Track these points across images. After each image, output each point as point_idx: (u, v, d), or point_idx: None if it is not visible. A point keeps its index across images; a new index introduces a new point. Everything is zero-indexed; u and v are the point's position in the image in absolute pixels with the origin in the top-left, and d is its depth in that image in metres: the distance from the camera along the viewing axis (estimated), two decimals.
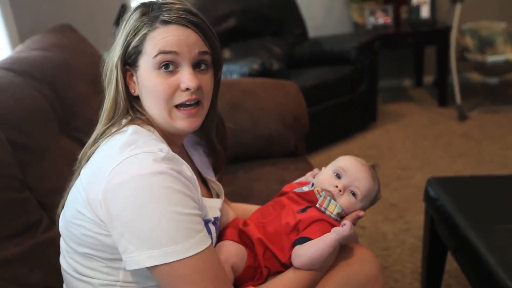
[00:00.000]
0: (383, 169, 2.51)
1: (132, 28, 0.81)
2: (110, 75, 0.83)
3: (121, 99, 0.82)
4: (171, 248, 0.69)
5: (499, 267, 1.02)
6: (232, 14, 3.00)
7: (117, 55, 0.82)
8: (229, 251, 0.86)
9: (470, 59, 3.23)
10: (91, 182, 0.75)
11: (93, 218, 0.74)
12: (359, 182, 0.91)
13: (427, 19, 3.44)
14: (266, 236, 0.88)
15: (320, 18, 3.72)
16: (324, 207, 0.88)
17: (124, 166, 0.71)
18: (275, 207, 0.92)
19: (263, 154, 1.65)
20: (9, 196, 0.97)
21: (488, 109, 3.25)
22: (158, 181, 0.70)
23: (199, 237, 0.72)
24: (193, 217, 0.72)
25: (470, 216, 1.21)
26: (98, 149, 0.80)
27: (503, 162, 2.49)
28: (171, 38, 0.79)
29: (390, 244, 1.87)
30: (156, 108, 0.81)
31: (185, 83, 0.79)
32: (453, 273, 1.65)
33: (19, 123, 1.09)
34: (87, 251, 0.78)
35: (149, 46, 0.79)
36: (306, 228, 0.86)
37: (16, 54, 1.39)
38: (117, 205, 0.70)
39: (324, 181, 0.92)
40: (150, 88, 0.80)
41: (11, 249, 0.93)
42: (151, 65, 0.79)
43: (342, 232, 0.82)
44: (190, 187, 0.75)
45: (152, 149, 0.73)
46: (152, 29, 0.80)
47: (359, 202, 0.91)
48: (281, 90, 1.71)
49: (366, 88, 2.94)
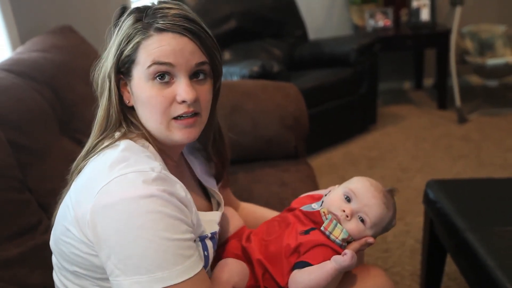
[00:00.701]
0: (382, 171, 2.51)
1: (125, 36, 0.75)
2: (103, 85, 0.79)
3: (114, 111, 0.78)
4: (158, 275, 0.66)
5: (498, 269, 1.02)
6: (233, 16, 3.01)
7: (110, 64, 0.77)
8: (231, 270, 0.83)
9: (470, 62, 3.24)
10: (80, 201, 0.72)
11: (81, 237, 0.71)
12: (370, 208, 0.85)
13: (427, 22, 3.45)
14: (267, 256, 0.85)
15: (320, 20, 3.73)
16: (329, 231, 0.83)
17: (113, 187, 0.68)
18: (281, 224, 0.89)
19: (263, 156, 1.65)
20: (9, 197, 0.97)
21: (487, 112, 3.25)
22: (146, 205, 0.67)
23: (189, 263, 0.69)
24: (183, 243, 0.69)
25: (469, 219, 1.21)
26: (88, 164, 0.77)
27: (503, 165, 2.50)
28: (166, 47, 0.74)
29: (390, 246, 1.87)
30: (152, 120, 0.77)
31: (181, 96, 0.74)
32: (453, 275, 1.65)
33: (19, 124, 1.09)
34: (77, 269, 0.75)
35: (142, 56, 0.74)
36: (307, 252, 0.82)
37: (16, 55, 1.40)
38: (104, 227, 0.68)
39: (332, 202, 0.87)
40: (145, 100, 0.76)
41: (11, 250, 0.93)
42: (145, 75, 0.75)
43: (342, 262, 0.78)
44: (183, 209, 0.71)
45: (143, 168, 0.70)
46: (146, 37, 0.74)
47: (368, 229, 0.85)
48: (281, 92, 1.71)
49: (366, 90, 2.94)
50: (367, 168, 2.57)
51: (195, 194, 0.89)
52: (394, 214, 0.89)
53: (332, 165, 2.66)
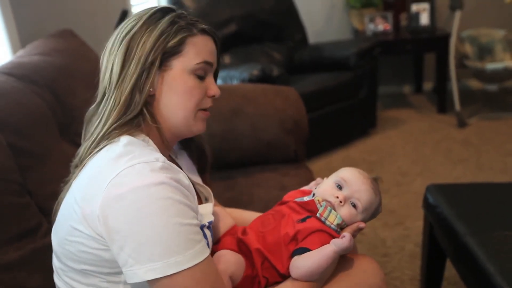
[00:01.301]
0: (382, 175, 2.51)
1: (170, 29, 0.81)
2: (135, 68, 0.79)
3: (138, 96, 0.79)
4: (171, 260, 0.68)
5: (498, 274, 1.02)
6: (233, 20, 3.02)
7: (149, 47, 0.79)
8: (227, 261, 0.85)
9: (470, 66, 3.25)
10: (86, 197, 0.73)
11: (91, 233, 0.72)
12: (360, 193, 0.91)
13: (427, 26, 3.46)
14: (265, 246, 0.87)
15: (320, 24, 3.74)
16: (324, 217, 0.87)
17: (122, 178, 0.70)
18: (275, 216, 0.92)
19: (263, 159, 1.66)
20: (9, 200, 0.97)
21: (487, 116, 3.25)
22: (157, 192, 0.69)
23: (199, 247, 0.71)
24: (193, 227, 0.72)
25: (469, 223, 1.21)
26: (89, 162, 0.77)
27: (502, 169, 2.50)
28: (210, 48, 0.85)
29: (389, 251, 1.87)
30: (182, 109, 0.83)
31: (213, 91, 0.86)
32: (452, 279, 1.65)
33: (19, 127, 1.09)
34: (85, 267, 0.76)
35: (190, 50, 0.82)
36: (305, 239, 0.85)
37: (17, 59, 1.40)
38: (116, 218, 0.69)
39: (325, 191, 0.92)
40: (183, 90, 0.82)
41: (11, 254, 0.92)
42: (189, 69, 0.82)
43: (341, 245, 0.81)
44: (189, 195, 0.74)
45: (148, 159, 0.72)
46: (192, 35, 0.82)
47: (359, 214, 0.90)
48: (281, 96, 1.71)
49: (366, 94, 2.95)
50: (367, 172, 2.57)
51: None
52: (380, 201, 0.95)
53: (332, 169, 2.64)
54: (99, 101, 0.84)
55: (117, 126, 0.79)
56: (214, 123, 1.57)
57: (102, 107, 0.82)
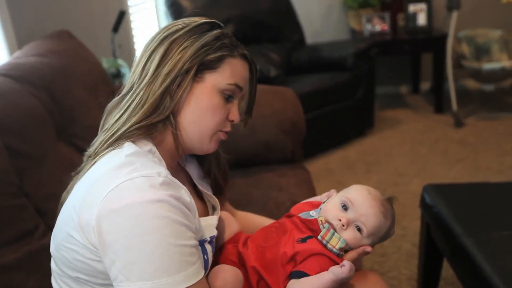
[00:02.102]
0: (380, 175, 2.52)
1: (214, 43, 0.81)
2: (168, 72, 0.79)
3: (171, 103, 0.79)
4: (162, 281, 0.66)
5: (494, 274, 1.02)
6: (230, 20, 3.02)
7: (189, 55, 0.79)
8: (225, 278, 0.82)
9: (466, 66, 3.26)
10: (84, 206, 0.71)
11: (85, 243, 0.71)
12: (367, 217, 0.84)
13: (424, 26, 3.46)
14: (262, 263, 0.84)
15: (318, 24, 3.74)
16: (326, 240, 0.82)
17: (120, 191, 0.68)
18: (278, 230, 0.88)
19: (261, 160, 1.66)
20: (6, 202, 0.96)
21: (484, 116, 3.26)
22: (154, 210, 0.67)
23: (192, 269, 0.69)
24: (188, 249, 0.70)
25: (466, 223, 1.22)
26: (91, 168, 0.76)
27: (499, 169, 2.50)
28: (244, 74, 0.85)
29: (387, 251, 1.87)
30: (201, 125, 0.82)
31: (235, 116, 0.85)
32: (449, 280, 1.65)
33: (16, 129, 1.08)
34: (79, 275, 0.75)
35: (226, 70, 0.82)
36: (304, 261, 0.81)
37: (14, 60, 1.40)
38: (110, 232, 0.67)
39: (328, 211, 0.87)
40: (207, 106, 0.81)
41: (7, 256, 0.92)
42: (220, 87, 0.81)
43: (340, 274, 0.77)
44: (188, 214, 0.72)
45: (150, 173, 0.70)
46: (232, 55, 0.83)
47: (364, 238, 0.85)
48: (278, 96, 1.71)
49: (363, 94, 2.95)
50: (364, 173, 2.58)
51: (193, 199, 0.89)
52: (393, 223, 0.89)
53: (329, 169, 2.66)
54: (125, 93, 0.82)
55: (140, 126, 0.77)
56: None
57: (126, 101, 0.80)
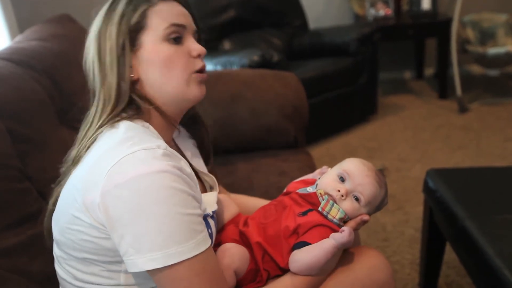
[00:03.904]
0: (382, 161, 2.51)
1: (129, 7, 0.79)
2: (105, 63, 0.79)
3: (126, 84, 0.78)
4: (172, 250, 0.67)
5: (497, 257, 1.02)
6: (232, 5, 2.99)
7: (114, 37, 0.78)
8: (232, 255, 0.83)
9: (471, 51, 3.22)
10: (87, 186, 0.71)
11: (91, 222, 0.71)
12: (363, 187, 0.87)
13: (428, 10, 3.43)
14: (266, 239, 0.86)
15: (320, 9, 3.70)
16: (326, 211, 0.85)
17: (122, 166, 0.68)
18: (277, 207, 0.90)
19: (263, 145, 1.65)
20: (9, 186, 0.97)
21: (488, 101, 3.24)
22: (159, 181, 0.67)
23: (200, 237, 0.70)
24: (195, 217, 0.70)
25: (468, 207, 1.22)
26: (90, 150, 0.76)
27: (502, 154, 2.50)
28: (177, 11, 0.81)
29: (389, 236, 1.88)
30: (171, 79, 0.80)
31: (196, 50, 0.82)
32: (452, 263, 1.66)
33: (18, 113, 1.08)
34: (86, 256, 0.75)
35: (154, 20, 0.79)
36: (306, 233, 0.83)
37: (15, 44, 1.39)
38: (117, 207, 0.68)
39: (327, 184, 0.89)
40: (163, 60, 0.79)
41: (11, 239, 0.93)
42: (159, 37, 0.79)
43: (340, 239, 0.79)
44: (191, 184, 0.72)
45: (149, 146, 0.70)
46: (152, 5, 0.80)
47: (362, 207, 0.88)
48: (281, 81, 1.70)
49: (366, 80, 2.93)
50: (366, 158, 2.55)
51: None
52: (386, 193, 0.93)
53: (331, 155, 2.66)
54: (91, 105, 0.82)
55: (109, 119, 0.77)
56: (213, 109, 1.57)
57: (94, 108, 0.81)
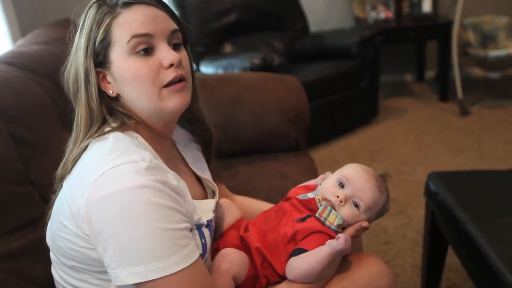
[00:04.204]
0: (384, 164, 2.51)
1: (94, 23, 0.75)
2: (77, 82, 0.77)
3: (95, 104, 0.76)
4: (154, 265, 0.66)
5: (499, 260, 1.02)
6: (233, 9, 3.00)
7: (82, 58, 0.76)
8: (231, 260, 0.83)
9: (472, 54, 3.22)
10: (73, 195, 0.72)
11: (78, 232, 0.71)
12: (363, 193, 0.86)
13: (429, 13, 3.43)
14: (265, 245, 0.86)
15: (322, 12, 3.71)
16: (323, 218, 0.84)
17: (105, 179, 0.68)
18: (277, 213, 0.90)
19: (265, 148, 1.65)
20: (11, 190, 0.97)
21: (489, 104, 3.24)
22: (140, 196, 0.67)
23: (184, 252, 0.69)
24: (178, 232, 0.69)
25: (470, 210, 1.22)
26: (80, 159, 0.76)
27: (504, 157, 2.49)
28: (140, 18, 0.74)
29: (391, 239, 1.88)
30: (143, 96, 0.76)
31: (167, 59, 0.75)
32: (454, 267, 1.65)
33: (21, 117, 1.09)
34: (75, 264, 0.75)
35: (118, 34, 0.74)
36: (303, 240, 0.83)
37: (17, 48, 1.40)
38: (99, 220, 0.68)
39: (326, 189, 0.88)
40: (131, 76, 0.75)
41: (13, 243, 0.93)
42: (125, 52, 0.74)
43: (336, 246, 0.78)
44: (176, 198, 0.71)
45: (133, 158, 0.69)
46: (115, 16, 0.75)
47: (362, 213, 0.86)
48: (282, 84, 1.71)
49: (367, 83, 2.94)
50: (368, 161, 2.57)
51: (190, 183, 0.89)
52: (388, 198, 0.91)
53: (333, 158, 2.66)
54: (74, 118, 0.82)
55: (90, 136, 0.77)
56: (215, 112, 1.57)
57: (75, 124, 0.81)
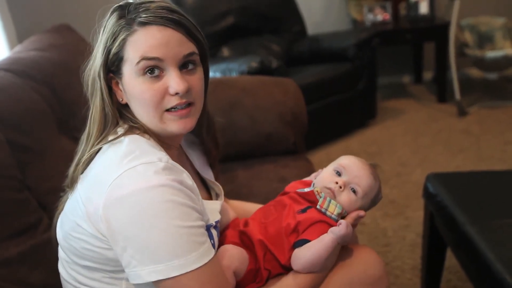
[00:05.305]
0: (382, 166, 2.51)
1: (111, 34, 0.76)
2: (94, 85, 0.79)
3: (109, 109, 0.78)
4: (174, 262, 0.68)
5: (498, 262, 1.02)
6: (231, 12, 3.00)
7: (98, 64, 0.78)
8: (231, 256, 0.84)
9: (469, 54, 3.23)
10: (90, 197, 0.73)
11: (94, 232, 0.73)
12: (360, 179, 0.90)
13: (426, 15, 3.44)
14: (267, 237, 0.87)
15: (319, 15, 3.72)
16: (324, 208, 0.87)
17: (123, 180, 0.69)
18: (277, 207, 0.92)
19: (263, 152, 1.65)
20: (9, 196, 0.97)
21: (487, 105, 3.25)
22: (159, 195, 0.68)
23: (203, 249, 0.71)
24: (196, 229, 0.71)
25: (469, 212, 1.21)
26: (94, 162, 0.77)
27: (502, 158, 2.49)
28: (152, 41, 0.74)
29: (390, 241, 1.87)
30: (145, 115, 0.78)
31: (173, 88, 0.75)
32: (453, 269, 1.65)
33: (18, 123, 1.09)
34: (89, 264, 0.76)
35: (130, 52, 0.75)
36: (306, 230, 0.85)
37: (14, 54, 1.40)
38: (118, 220, 0.69)
39: (324, 179, 0.92)
40: (137, 96, 0.76)
41: (11, 249, 0.93)
42: (134, 72, 0.75)
43: (339, 232, 0.81)
44: (192, 197, 0.73)
45: (151, 159, 0.71)
46: (131, 33, 0.75)
47: (359, 199, 0.90)
48: (280, 87, 1.71)
49: (365, 85, 2.94)
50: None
51: (197, 185, 0.90)
52: (380, 186, 0.95)
53: (331, 160, 2.64)
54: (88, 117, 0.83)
55: (103, 138, 0.78)
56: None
57: (89, 120, 0.81)
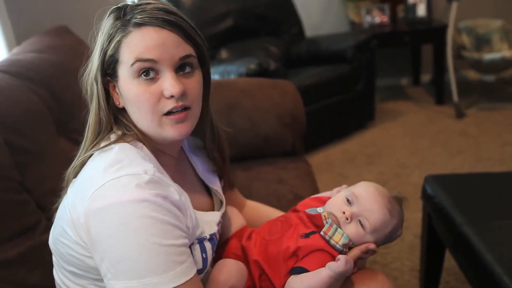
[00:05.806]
0: (381, 167, 2.52)
1: (107, 36, 0.74)
2: (92, 89, 0.78)
3: (104, 114, 0.77)
4: (148, 280, 0.66)
5: (496, 263, 1.02)
6: (229, 14, 3.00)
7: (95, 67, 0.76)
8: (229, 272, 0.82)
9: (467, 57, 3.24)
10: (75, 203, 0.72)
11: (77, 239, 0.71)
12: (371, 213, 0.82)
13: (424, 17, 3.45)
14: (265, 258, 0.84)
15: (317, 17, 3.73)
16: (329, 236, 0.81)
17: (105, 190, 0.67)
18: (283, 224, 0.87)
19: (261, 153, 1.65)
20: (7, 197, 0.97)
21: (485, 107, 3.25)
22: (138, 210, 0.66)
23: (181, 269, 0.68)
24: (175, 248, 0.68)
25: (467, 213, 1.22)
26: (85, 167, 0.76)
27: (500, 159, 2.50)
28: (147, 43, 0.72)
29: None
30: (143, 119, 0.75)
31: (168, 90, 0.72)
32: (452, 270, 1.65)
33: (16, 125, 1.09)
34: (74, 269, 0.76)
35: (125, 54, 0.73)
36: (305, 257, 0.80)
37: (12, 56, 1.40)
38: (97, 231, 0.68)
39: (333, 205, 0.86)
40: (132, 99, 0.74)
41: (9, 251, 0.93)
42: (129, 74, 0.73)
43: (336, 268, 0.75)
44: (176, 213, 0.70)
45: (136, 171, 0.69)
46: (126, 34, 0.73)
47: (368, 234, 0.82)
48: (278, 89, 1.71)
49: (363, 87, 2.94)
50: (365, 165, 2.57)
51: (197, 193, 0.88)
52: (400, 223, 0.86)
53: (330, 162, 2.66)
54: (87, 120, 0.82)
55: (97, 142, 0.77)
56: None
57: (87, 123, 0.80)
